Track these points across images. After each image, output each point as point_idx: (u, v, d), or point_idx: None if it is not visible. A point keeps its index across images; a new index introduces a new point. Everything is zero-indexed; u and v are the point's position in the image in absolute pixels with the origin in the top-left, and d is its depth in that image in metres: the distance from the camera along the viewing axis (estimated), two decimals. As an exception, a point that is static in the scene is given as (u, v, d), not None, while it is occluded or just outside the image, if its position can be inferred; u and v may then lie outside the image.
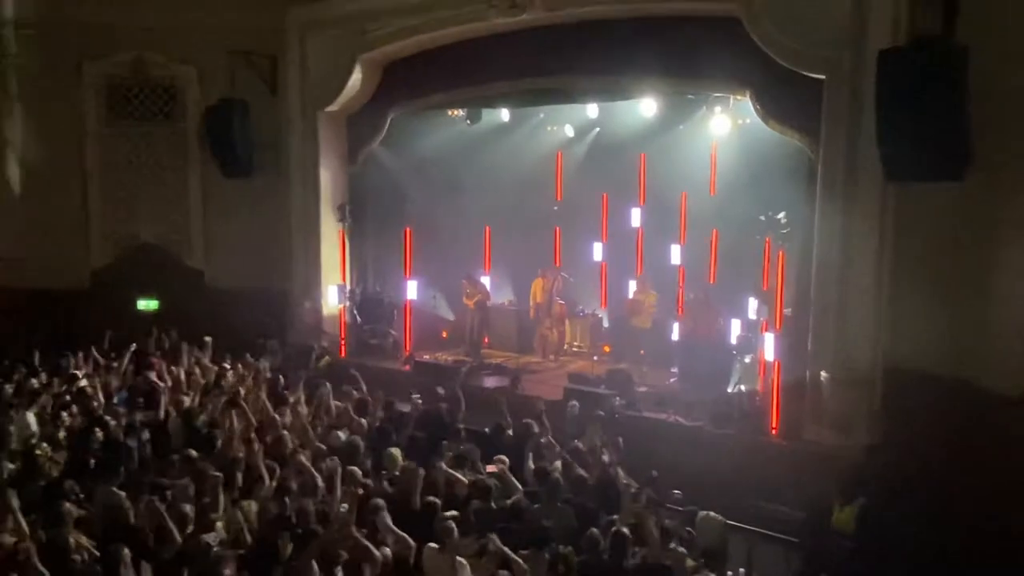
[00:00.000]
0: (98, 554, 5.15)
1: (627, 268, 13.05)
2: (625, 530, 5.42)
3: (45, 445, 7.59)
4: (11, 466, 6.96)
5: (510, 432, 7.89)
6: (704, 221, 12.19)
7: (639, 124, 12.21)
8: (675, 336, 11.55)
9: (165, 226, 13.34)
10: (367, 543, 5.12)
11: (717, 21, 9.07)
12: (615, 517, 5.85)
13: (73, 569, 4.98)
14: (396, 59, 12.10)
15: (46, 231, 12.67)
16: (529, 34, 10.57)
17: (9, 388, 9.37)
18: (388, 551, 5.14)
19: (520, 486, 6.50)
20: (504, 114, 13.41)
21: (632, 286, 12.62)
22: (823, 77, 8.34)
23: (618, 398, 9.54)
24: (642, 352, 11.63)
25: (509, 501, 6.11)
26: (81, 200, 13.00)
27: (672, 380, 10.86)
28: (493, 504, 6.06)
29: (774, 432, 8.84)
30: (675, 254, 12.58)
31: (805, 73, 8.47)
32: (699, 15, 9.35)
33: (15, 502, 5.54)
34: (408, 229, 12.76)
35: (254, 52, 12.45)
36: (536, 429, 7.65)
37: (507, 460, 6.91)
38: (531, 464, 6.99)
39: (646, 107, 11.71)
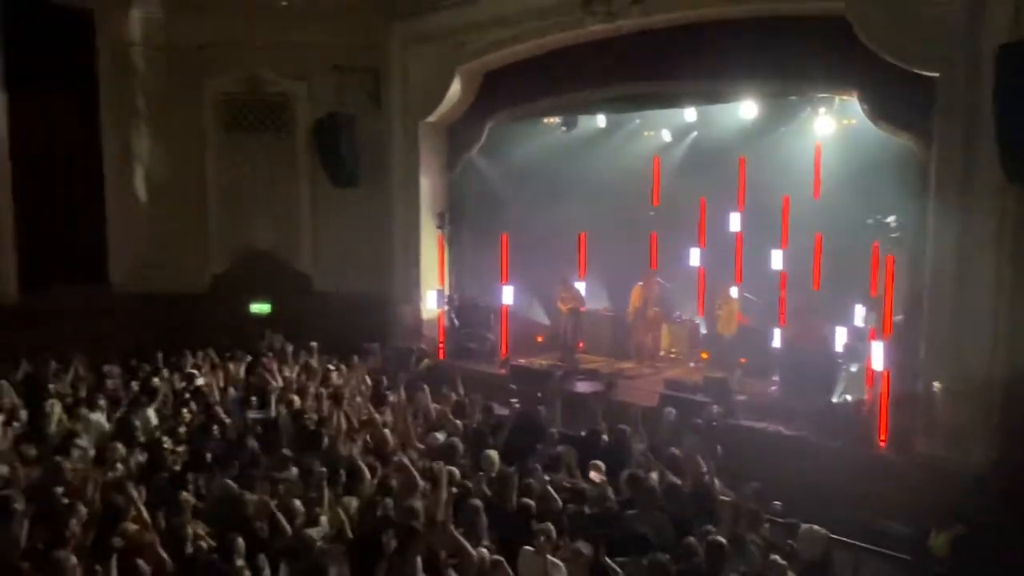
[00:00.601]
0: (214, 543, 5.42)
1: (726, 273, 12.81)
2: (722, 540, 5.35)
3: (167, 439, 8.16)
4: (140, 459, 7.50)
5: (605, 437, 7.91)
6: (807, 225, 11.81)
7: (739, 127, 11.97)
8: (776, 343, 11.25)
9: (277, 233, 14.04)
10: (465, 542, 5.25)
11: (822, 20, 8.79)
12: (710, 527, 5.78)
13: (191, 557, 5.28)
14: (494, 69, 12.33)
15: (170, 239, 13.54)
16: (626, 40, 10.54)
17: (135, 385, 10.13)
18: (484, 551, 5.26)
19: (613, 492, 6.50)
20: (600, 120, 13.42)
21: (731, 291, 12.41)
22: (936, 75, 7.96)
23: (716, 406, 9.38)
24: (743, 361, 11.37)
25: (603, 506, 6.13)
26: (201, 210, 13.86)
27: (772, 389, 10.58)
28: (588, 509, 6.10)
29: (882, 444, 8.49)
30: (776, 259, 12.26)
31: (917, 71, 8.11)
32: (803, 15, 9.08)
33: (136, 493, 5.93)
34: (505, 235, 12.97)
35: (359, 67, 13.02)
36: (631, 435, 7.64)
37: (604, 466, 6.93)
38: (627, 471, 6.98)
39: (746, 109, 11.49)
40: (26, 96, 12.14)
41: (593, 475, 6.84)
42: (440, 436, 7.98)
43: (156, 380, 9.94)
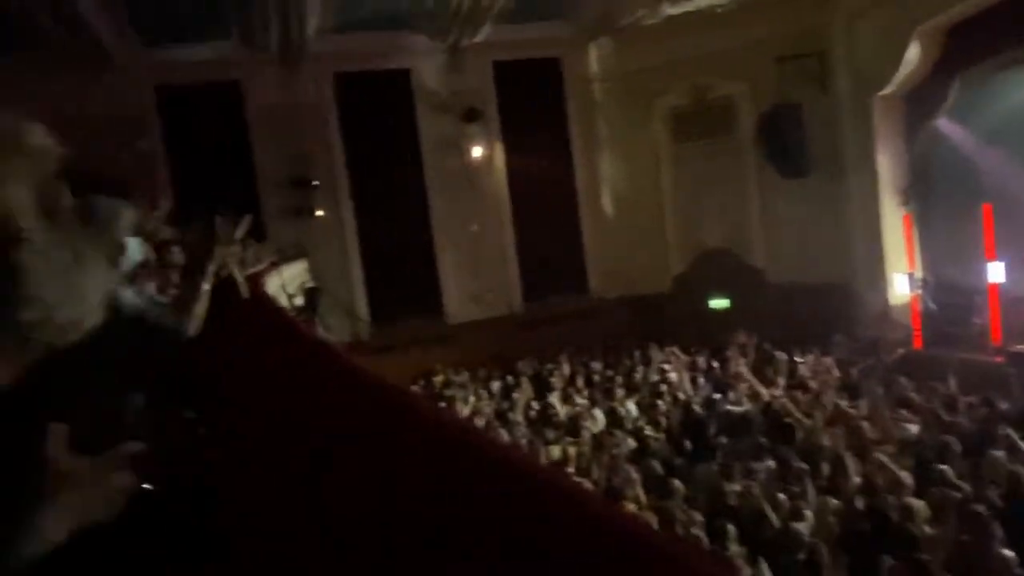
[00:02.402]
0: (702, 532, 5.76)
1: None
2: None
3: (649, 428, 9.10)
4: (630, 445, 8.54)
5: None
6: None
7: None
8: None
9: (728, 231, 14.49)
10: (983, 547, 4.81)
11: None
12: None
13: (683, 539, 5.73)
14: (958, 21, 10.96)
15: (635, 247, 14.97)
16: None
17: (619, 379, 11.48)
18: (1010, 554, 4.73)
19: None
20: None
21: None
22: None
23: None
24: None
25: None
26: (660, 217, 15.03)
27: None
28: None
29: None
30: None
31: None
32: None
33: (636, 475, 6.72)
34: (987, 205, 11.35)
35: (801, 54, 12.74)
36: None
37: None
38: None
39: None
40: (515, 139, 14.72)
41: None
42: (911, 428, 7.43)
43: (635, 375, 11.09)
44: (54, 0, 9.22)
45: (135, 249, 2.50)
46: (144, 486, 0.94)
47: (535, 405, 11.01)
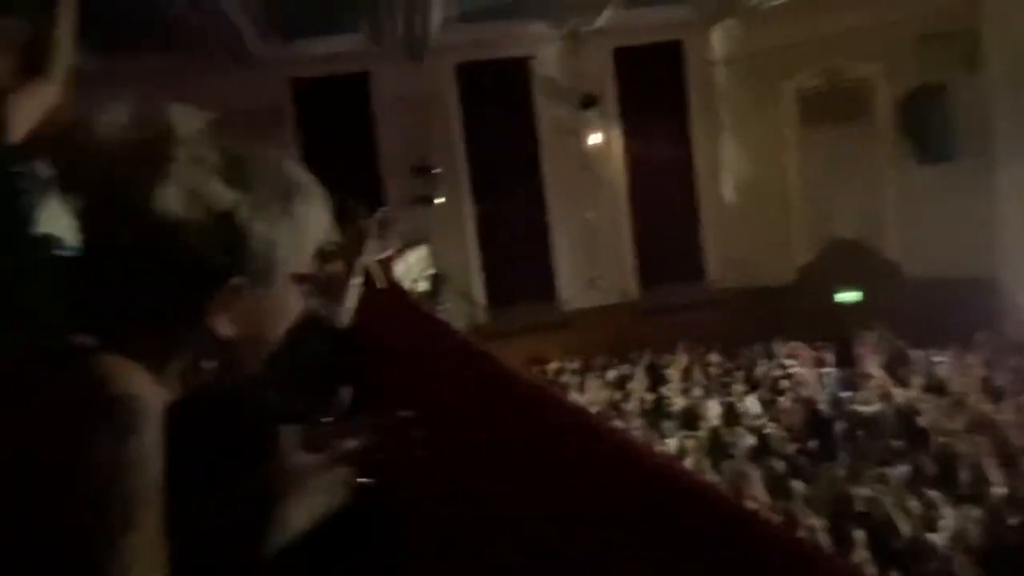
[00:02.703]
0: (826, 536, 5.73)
1: None
2: None
3: (770, 426, 8.85)
4: (750, 442, 8.34)
5: None
6: None
7: None
8: None
9: (860, 221, 13.75)
10: None
11: None
12: None
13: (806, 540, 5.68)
14: None
15: (756, 235, 14.43)
16: None
17: (738, 374, 11.19)
18: None
19: None
20: None
21: None
22: None
23: None
24: None
25: None
26: (784, 204, 14.43)
27: None
28: None
29: None
30: None
31: None
32: None
33: (754, 473, 6.60)
34: None
35: (948, 32, 11.87)
36: None
37: None
38: None
39: None
40: (633, 125, 14.53)
41: None
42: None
43: (757, 370, 10.78)
44: (200, 1, 9.83)
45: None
46: (362, 479, 1.05)
47: (649, 396, 10.94)
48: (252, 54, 12.37)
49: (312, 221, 0.91)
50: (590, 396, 11.06)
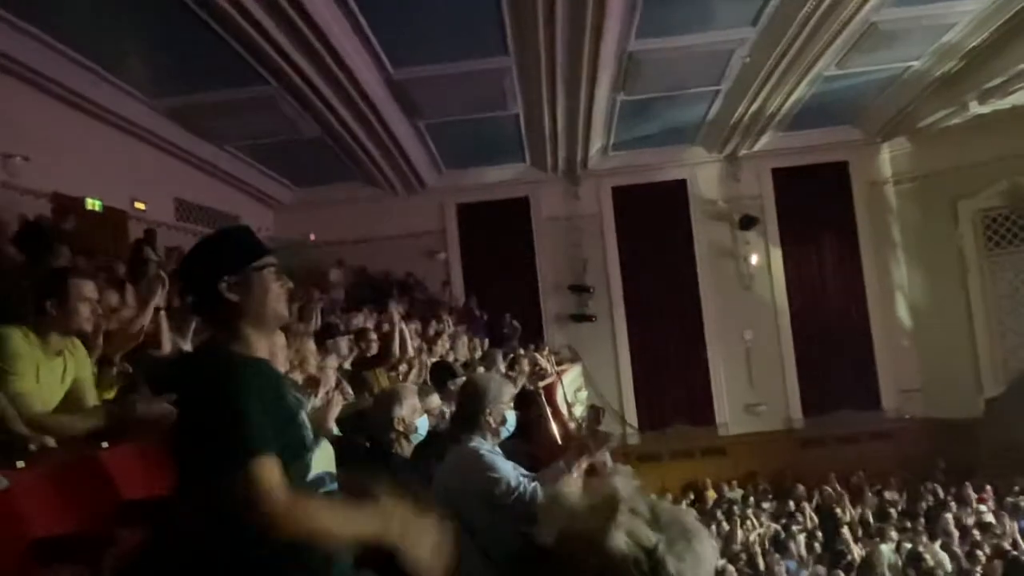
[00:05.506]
0: None
1: None
2: None
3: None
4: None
5: None
6: None
7: None
8: None
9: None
10: None
11: None
12: None
13: None
14: None
15: (938, 364, 13.33)
16: None
17: (921, 519, 10.11)
18: None
19: None
20: None
21: None
22: None
23: None
24: None
25: None
26: (967, 330, 13.28)
27: None
28: None
29: None
30: None
31: None
32: None
33: None
34: None
35: None
36: None
37: None
38: None
39: None
40: (795, 246, 14.13)
41: None
42: None
43: (946, 515, 9.77)
44: (384, 140, 10.90)
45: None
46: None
47: (819, 535, 10.17)
48: (425, 183, 13.42)
49: (707, 555, 1.11)
50: (749, 529, 10.45)
